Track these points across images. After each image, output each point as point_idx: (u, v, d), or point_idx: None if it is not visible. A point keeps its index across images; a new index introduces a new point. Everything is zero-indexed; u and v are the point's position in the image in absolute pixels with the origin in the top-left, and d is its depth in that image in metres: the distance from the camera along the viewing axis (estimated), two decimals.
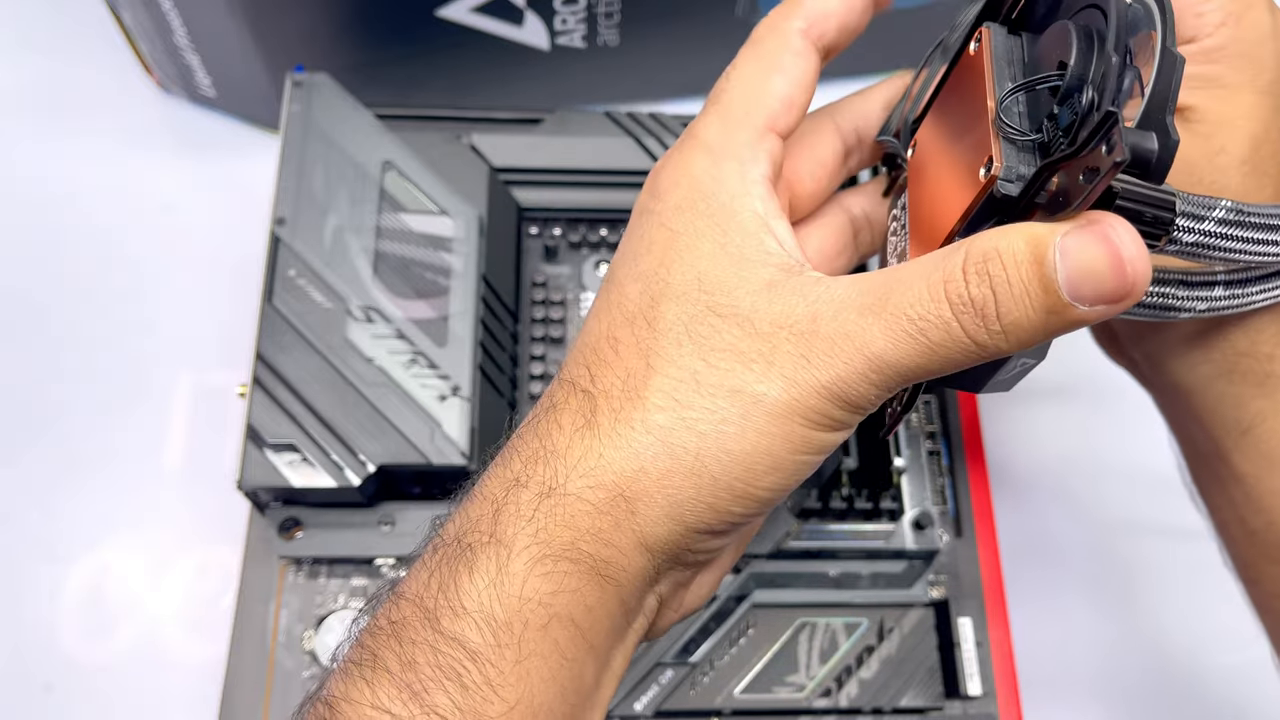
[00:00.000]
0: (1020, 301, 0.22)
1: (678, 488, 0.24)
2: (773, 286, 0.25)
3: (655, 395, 0.24)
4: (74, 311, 0.52)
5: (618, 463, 0.24)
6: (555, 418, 0.26)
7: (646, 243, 0.27)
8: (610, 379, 0.25)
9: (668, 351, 0.25)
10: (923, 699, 0.40)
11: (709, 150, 0.27)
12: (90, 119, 0.57)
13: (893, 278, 0.23)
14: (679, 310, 0.25)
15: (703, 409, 0.24)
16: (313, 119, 0.43)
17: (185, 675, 0.45)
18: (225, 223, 0.54)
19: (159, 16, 0.50)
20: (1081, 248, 0.21)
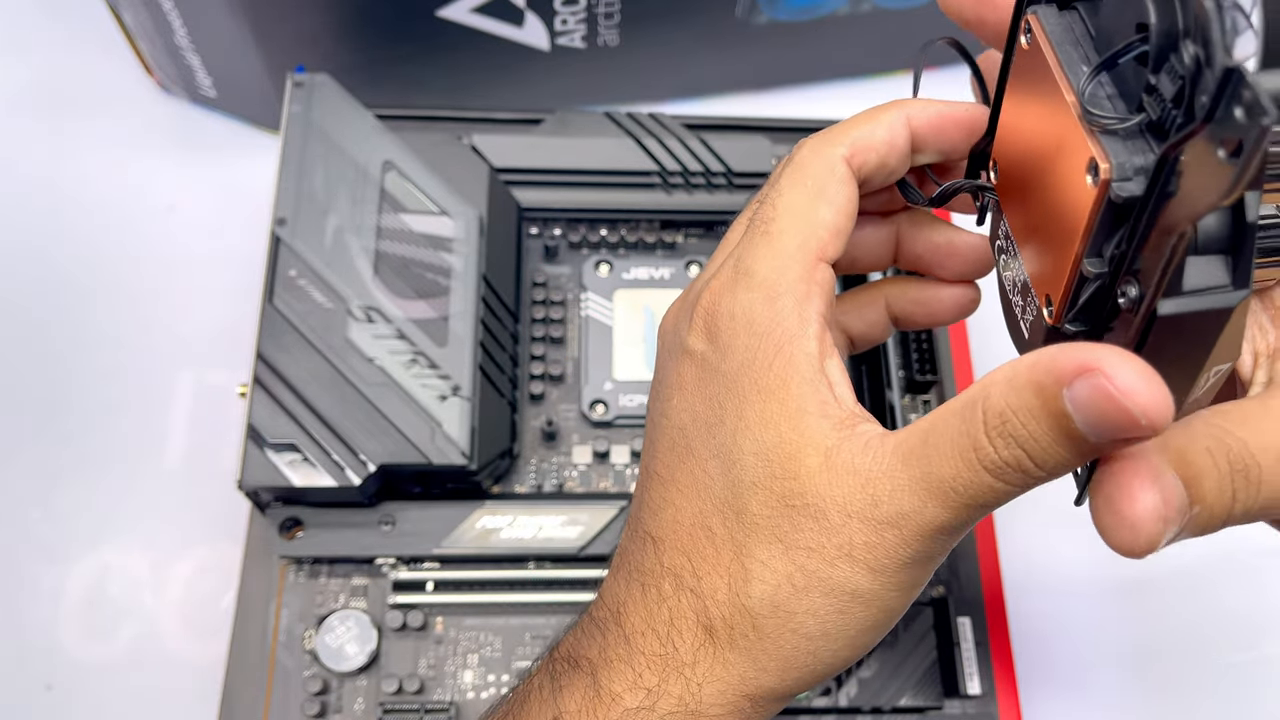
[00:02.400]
0: (1052, 451, 0.22)
1: (796, 677, 0.26)
2: (830, 461, 0.25)
3: (759, 605, 0.26)
4: (74, 311, 0.52)
5: (738, 668, 0.26)
6: (672, 619, 0.27)
7: (719, 411, 0.27)
8: (714, 580, 0.26)
9: (759, 554, 0.26)
10: (922, 698, 0.40)
11: (764, 287, 0.27)
12: (90, 119, 0.57)
13: (929, 448, 0.24)
14: (759, 503, 0.26)
15: (805, 613, 0.25)
16: (313, 119, 0.44)
17: (185, 675, 0.45)
18: (226, 223, 0.54)
19: (159, 17, 0.50)
20: (1087, 402, 0.20)
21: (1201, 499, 0.22)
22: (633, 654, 0.27)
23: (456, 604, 0.41)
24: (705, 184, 0.47)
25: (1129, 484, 0.21)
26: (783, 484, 0.25)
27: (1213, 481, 0.22)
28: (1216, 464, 0.22)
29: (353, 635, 0.40)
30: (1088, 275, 0.22)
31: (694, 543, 0.27)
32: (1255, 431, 0.23)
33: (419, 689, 0.39)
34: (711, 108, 0.59)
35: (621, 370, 0.45)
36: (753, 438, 0.26)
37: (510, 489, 0.43)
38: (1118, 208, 0.21)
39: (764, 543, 0.25)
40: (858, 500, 0.24)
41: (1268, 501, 0.23)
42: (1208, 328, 0.21)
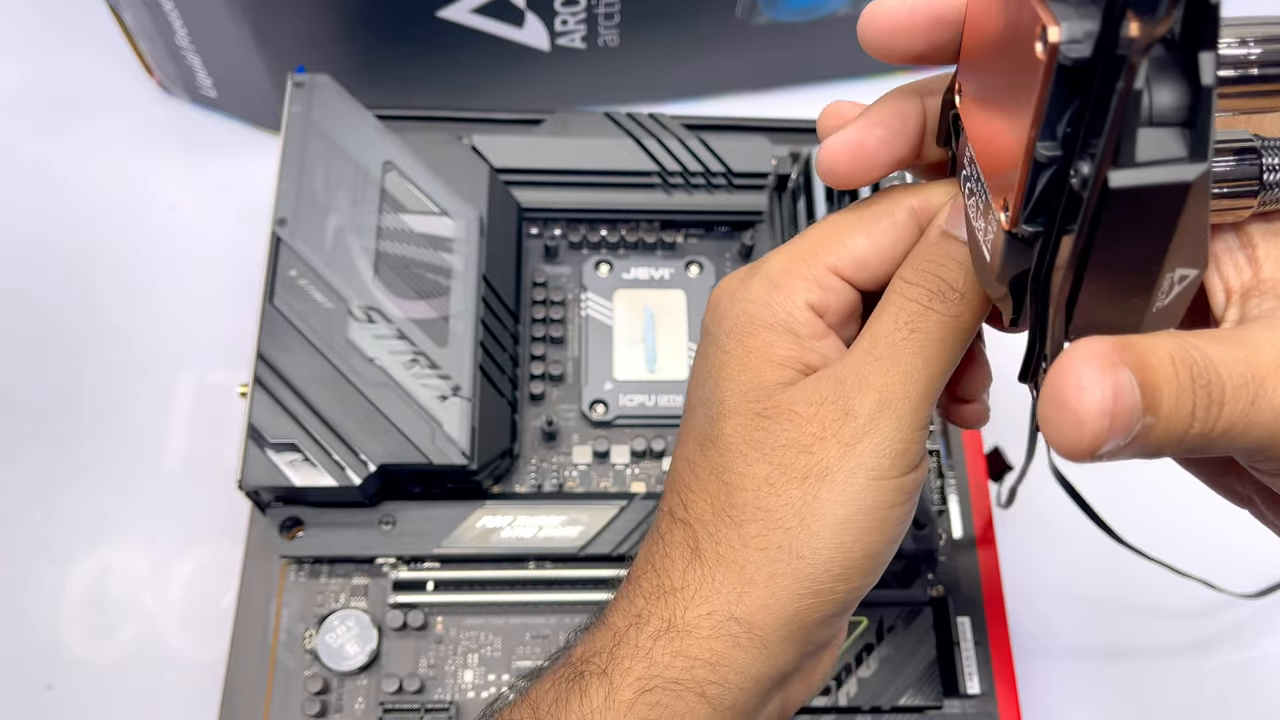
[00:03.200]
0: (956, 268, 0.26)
1: (784, 588, 0.26)
2: (806, 378, 0.27)
3: (740, 511, 0.27)
4: (74, 311, 0.52)
5: (727, 585, 0.27)
6: (666, 550, 0.28)
7: (707, 367, 0.29)
8: (699, 505, 0.28)
9: (736, 466, 0.27)
10: (922, 698, 0.40)
11: (769, 280, 0.28)
12: (91, 119, 0.57)
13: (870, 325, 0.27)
14: (734, 425, 0.27)
15: (782, 506, 0.26)
16: (314, 119, 0.44)
17: (186, 674, 0.45)
18: (226, 223, 0.54)
19: (160, 17, 0.50)
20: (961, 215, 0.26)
21: (1156, 409, 0.21)
22: (631, 590, 0.29)
23: (457, 604, 0.41)
24: (705, 184, 0.47)
25: (1078, 372, 0.20)
26: (755, 404, 0.27)
27: (1171, 391, 0.21)
28: (1178, 374, 0.21)
29: (353, 635, 0.40)
30: (1041, 160, 0.21)
31: (681, 479, 0.29)
32: (1223, 352, 0.22)
33: (419, 688, 0.39)
34: (711, 108, 0.59)
35: (621, 370, 0.45)
36: (732, 379, 0.28)
37: (510, 489, 0.43)
38: (1069, 74, 0.20)
39: (740, 456, 0.27)
40: (827, 389, 0.26)
41: (1226, 427, 0.21)
42: (1166, 209, 0.20)
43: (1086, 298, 0.22)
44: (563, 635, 0.41)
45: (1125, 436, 0.20)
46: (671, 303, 0.46)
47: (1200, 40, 0.19)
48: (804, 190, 0.47)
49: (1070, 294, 0.22)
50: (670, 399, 0.44)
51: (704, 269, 0.47)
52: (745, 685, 0.27)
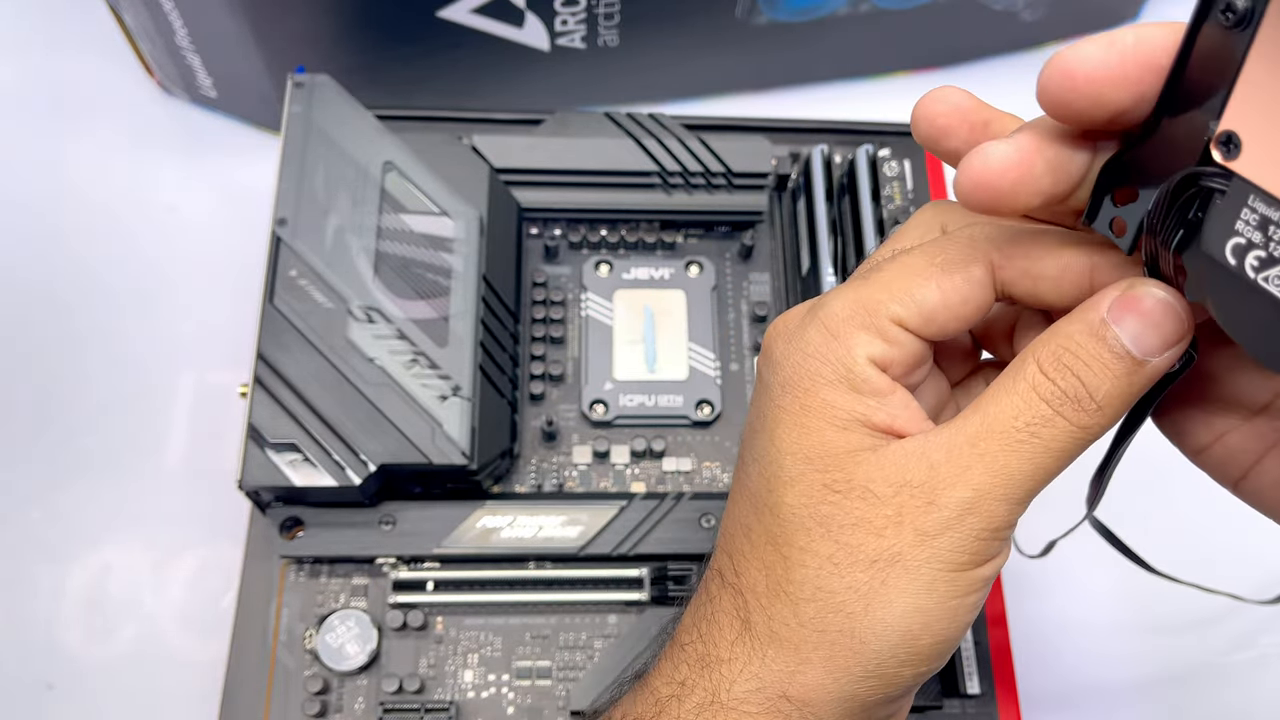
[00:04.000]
0: (1104, 375, 0.23)
1: (844, 669, 0.25)
2: (879, 450, 0.25)
3: (799, 589, 0.25)
4: (74, 311, 0.52)
5: (779, 662, 0.25)
6: (714, 616, 0.27)
7: (761, 420, 0.27)
8: (752, 574, 0.26)
9: (797, 540, 0.25)
10: (921, 698, 0.40)
11: (826, 329, 0.26)
12: (91, 120, 0.57)
13: (986, 404, 0.24)
14: (796, 494, 0.25)
15: (845, 589, 0.24)
16: (314, 120, 0.44)
17: (186, 674, 0.45)
18: (226, 223, 0.54)
19: (160, 17, 0.50)
20: (1131, 312, 0.23)
21: None
22: (676, 652, 0.27)
23: (457, 603, 0.41)
24: (705, 184, 0.47)
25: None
26: (824, 475, 0.25)
27: None
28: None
29: (353, 635, 0.40)
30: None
31: (734, 542, 0.27)
32: None
33: (419, 688, 0.39)
34: (711, 108, 0.59)
35: (621, 370, 0.45)
36: (790, 439, 0.26)
37: (510, 489, 0.43)
38: None
39: (802, 529, 0.25)
40: (911, 469, 0.24)
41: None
42: None
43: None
44: (563, 635, 0.41)
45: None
46: (671, 303, 0.46)
47: None
48: (804, 190, 0.47)
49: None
50: (670, 399, 0.44)
51: (704, 269, 0.47)
52: None
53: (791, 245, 0.48)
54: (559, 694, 0.40)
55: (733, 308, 0.47)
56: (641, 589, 0.41)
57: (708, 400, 0.45)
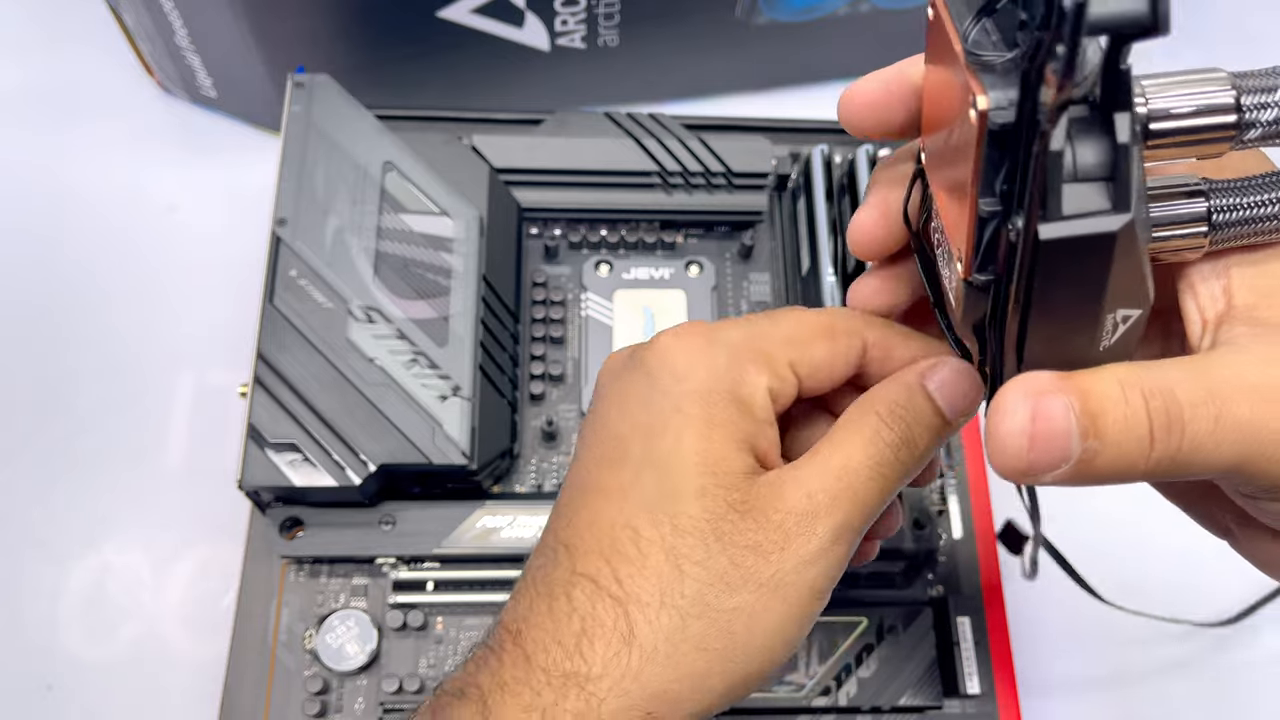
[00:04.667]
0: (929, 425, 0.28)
1: (709, 688, 0.26)
2: (767, 475, 0.27)
3: (690, 603, 0.26)
4: (75, 311, 0.52)
5: (653, 679, 0.25)
6: (584, 628, 0.26)
7: (661, 423, 0.27)
8: (641, 584, 0.26)
9: (696, 554, 0.26)
10: (922, 698, 0.40)
11: (734, 354, 0.28)
12: (91, 120, 0.57)
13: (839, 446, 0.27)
14: (702, 508, 0.26)
15: (732, 609, 0.26)
16: (314, 120, 0.44)
17: (186, 674, 0.45)
18: (226, 223, 0.54)
19: (160, 17, 0.50)
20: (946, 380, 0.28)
21: (1102, 434, 0.22)
22: (531, 672, 0.26)
23: (457, 603, 0.41)
24: (705, 184, 0.47)
25: (1003, 398, 0.22)
26: (728, 491, 0.26)
27: (1118, 416, 0.22)
28: (1127, 399, 0.22)
29: (353, 635, 0.40)
30: (983, 215, 0.22)
31: (615, 545, 0.26)
32: (1180, 375, 0.22)
33: (419, 689, 0.39)
34: (711, 108, 0.59)
35: None
36: (697, 450, 0.27)
37: (510, 489, 0.43)
38: (997, 138, 0.21)
39: (702, 543, 0.26)
40: (794, 498, 0.26)
41: (1194, 447, 0.22)
42: (1095, 256, 0.21)
43: (1033, 339, 0.23)
44: None
45: (1062, 460, 0.22)
46: (671, 303, 0.46)
47: (1116, 103, 0.20)
48: (804, 190, 0.47)
49: (1019, 336, 0.23)
50: None
51: (704, 269, 0.47)
52: None
53: (791, 245, 0.48)
54: None
55: (733, 308, 0.47)
56: None
57: None
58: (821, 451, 0.27)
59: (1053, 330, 0.23)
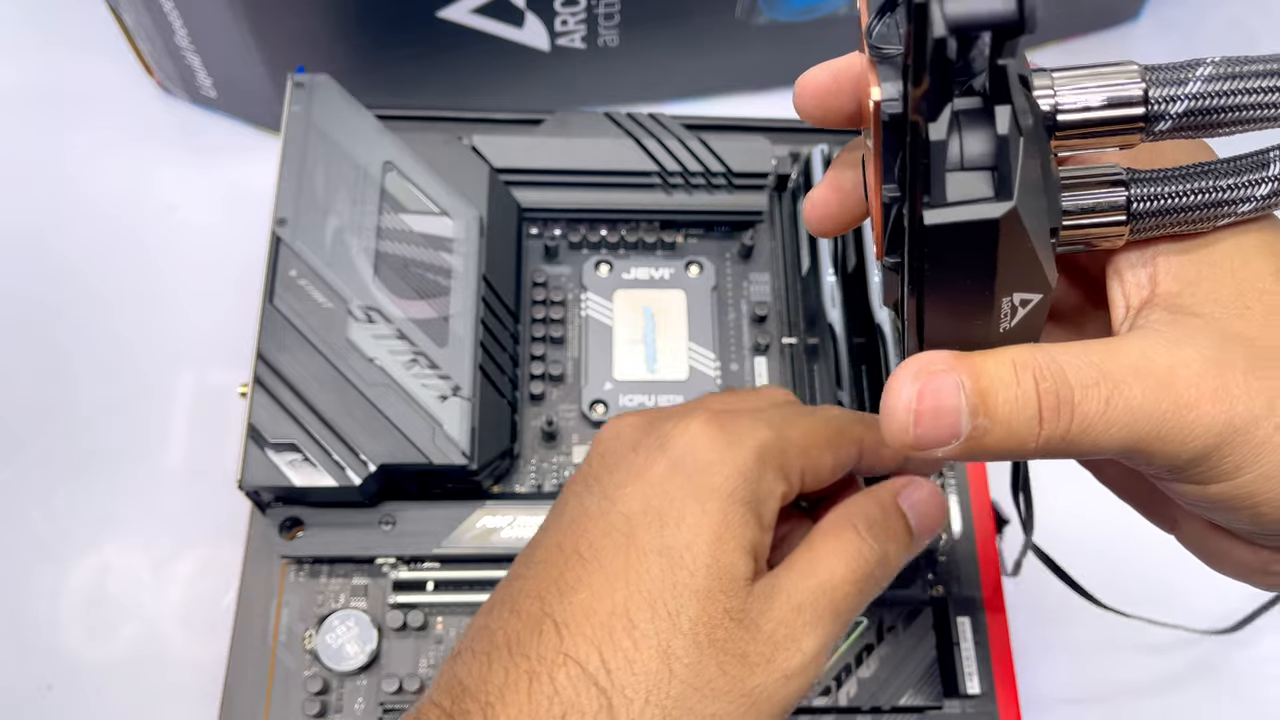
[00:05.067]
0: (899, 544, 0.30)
1: None
2: (759, 585, 0.28)
3: (674, 705, 0.25)
4: (74, 311, 0.52)
5: None
6: (564, 716, 0.25)
7: (678, 514, 0.27)
8: (629, 679, 0.25)
9: (688, 656, 0.26)
10: (922, 698, 0.40)
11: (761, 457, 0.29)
12: (91, 119, 0.57)
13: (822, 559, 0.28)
14: (701, 611, 0.26)
15: (709, 715, 0.26)
16: (314, 120, 0.44)
17: (186, 674, 0.45)
18: (226, 223, 0.54)
19: (160, 17, 0.50)
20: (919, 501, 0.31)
21: (992, 413, 0.22)
22: None
23: (457, 604, 0.41)
24: (705, 184, 0.47)
25: (894, 377, 0.23)
26: (727, 599, 0.27)
27: (1009, 396, 0.22)
28: (1019, 380, 0.22)
29: (353, 635, 0.40)
30: (886, 201, 0.24)
31: (609, 634, 0.26)
32: (1076, 358, 0.23)
33: (419, 689, 0.39)
34: (711, 108, 0.59)
35: (621, 370, 0.45)
36: (709, 551, 0.27)
37: (510, 489, 0.43)
38: (891, 128, 0.23)
39: (696, 646, 0.26)
40: (781, 611, 0.27)
41: (1084, 428, 0.23)
42: (981, 242, 0.22)
43: (931, 320, 0.24)
44: None
45: (951, 435, 0.23)
46: (671, 303, 0.46)
47: (997, 96, 0.21)
48: (804, 190, 0.47)
49: (918, 317, 0.24)
50: (670, 399, 0.44)
51: (704, 269, 0.47)
52: None
53: (791, 245, 0.48)
54: None
55: (733, 308, 0.47)
56: None
57: None
58: (802, 560, 0.28)
59: (949, 312, 0.24)
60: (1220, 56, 0.23)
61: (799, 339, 0.46)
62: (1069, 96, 0.23)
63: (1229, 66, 0.23)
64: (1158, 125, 0.23)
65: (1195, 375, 0.23)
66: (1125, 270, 0.26)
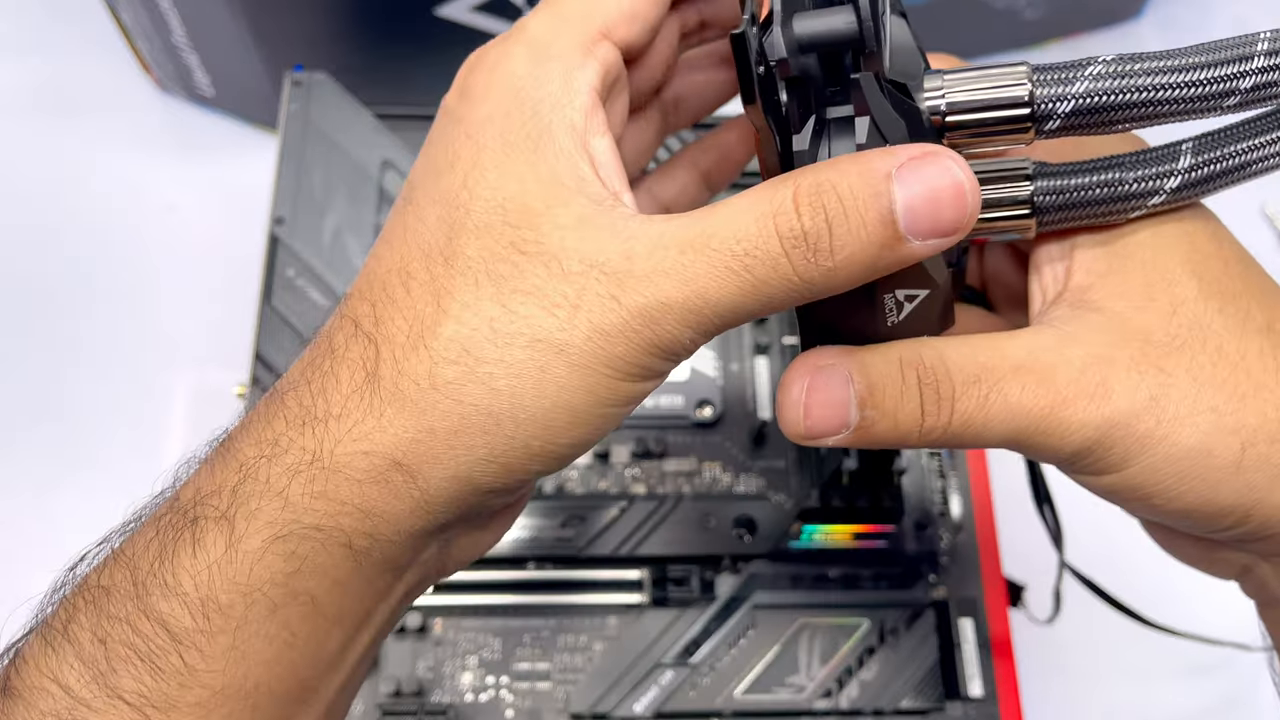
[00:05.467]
0: (855, 235, 0.21)
1: (468, 448, 0.22)
2: (585, 221, 0.22)
3: (445, 346, 0.22)
4: (73, 311, 0.52)
5: (398, 425, 0.22)
6: (333, 368, 0.23)
7: (450, 157, 0.24)
8: (397, 323, 0.23)
9: (463, 294, 0.22)
10: (923, 700, 0.40)
11: (532, 46, 0.24)
12: (89, 118, 0.57)
13: (717, 213, 0.22)
14: (480, 246, 0.22)
15: (497, 362, 0.22)
16: (312, 118, 0.43)
17: None
18: (224, 222, 0.54)
19: (158, 16, 0.50)
20: (921, 180, 0.21)
21: (878, 405, 0.23)
22: (272, 408, 0.23)
23: (455, 605, 0.41)
24: None
25: (788, 370, 0.24)
26: (516, 231, 0.22)
27: (893, 391, 0.23)
28: (903, 376, 0.23)
29: None
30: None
31: (385, 289, 0.23)
32: (961, 355, 0.24)
33: (417, 691, 0.39)
34: None
35: None
36: (489, 185, 0.23)
37: None
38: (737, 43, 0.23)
39: (472, 284, 0.22)
40: (610, 252, 0.22)
41: (964, 422, 0.23)
42: None
43: (818, 315, 0.25)
44: (562, 637, 0.41)
45: (841, 425, 0.23)
46: None
47: (858, 107, 0.22)
48: None
49: (800, 313, 0.25)
50: (670, 399, 0.44)
51: None
52: (398, 539, 0.23)
53: None
54: (558, 696, 0.40)
55: None
56: (641, 591, 0.41)
57: (708, 400, 0.45)
58: (689, 215, 0.22)
59: (832, 308, 0.24)
60: (1113, 55, 0.23)
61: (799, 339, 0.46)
62: (957, 97, 0.24)
63: (1118, 65, 0.23)
64: (1046, 124, 0.24)
65: (1076, 372, 0.23)
66: (1044, 264, 0.26)
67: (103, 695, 0.20)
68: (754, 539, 0.42)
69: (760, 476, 0.44)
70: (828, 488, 0.42)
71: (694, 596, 0.40)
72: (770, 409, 0.45)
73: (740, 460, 0.44)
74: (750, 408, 0.45)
